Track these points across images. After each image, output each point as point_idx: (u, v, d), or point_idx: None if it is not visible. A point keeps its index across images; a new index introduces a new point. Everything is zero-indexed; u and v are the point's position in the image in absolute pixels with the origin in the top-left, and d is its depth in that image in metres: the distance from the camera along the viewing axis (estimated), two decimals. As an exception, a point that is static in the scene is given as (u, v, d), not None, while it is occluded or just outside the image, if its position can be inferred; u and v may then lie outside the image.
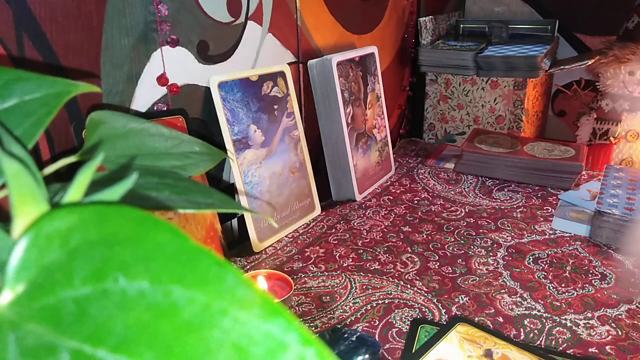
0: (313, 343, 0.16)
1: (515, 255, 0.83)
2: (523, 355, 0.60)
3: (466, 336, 0.63)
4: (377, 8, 1.23)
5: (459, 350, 0.60)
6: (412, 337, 0.63)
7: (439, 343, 0.61)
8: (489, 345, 0.61)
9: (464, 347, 0.61)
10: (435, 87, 1.40)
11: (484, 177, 1.15)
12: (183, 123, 0.75)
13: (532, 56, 1.23)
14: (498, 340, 0.62)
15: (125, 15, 0.67)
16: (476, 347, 0.61)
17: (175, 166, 0.34)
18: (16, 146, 0.23)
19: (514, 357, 0.59)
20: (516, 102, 1.31)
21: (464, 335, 0.63)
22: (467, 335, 0.63)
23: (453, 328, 0.64)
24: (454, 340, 0.62)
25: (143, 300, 0.16)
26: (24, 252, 0.17)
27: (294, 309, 0.70)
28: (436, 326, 0.65)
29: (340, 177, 1.04)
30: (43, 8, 0.58)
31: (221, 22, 0.81)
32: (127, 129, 0.35)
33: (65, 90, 0.28)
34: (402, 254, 0.84)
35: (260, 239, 0.85)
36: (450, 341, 0.62)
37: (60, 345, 0.16)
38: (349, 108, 1.02)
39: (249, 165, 0.83)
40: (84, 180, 0.21)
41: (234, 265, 0.46)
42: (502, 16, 1.58)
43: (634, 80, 1.30)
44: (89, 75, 0.64)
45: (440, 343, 0.61)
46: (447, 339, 0.62)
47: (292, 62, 0.97)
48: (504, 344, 0.61)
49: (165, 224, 0.18)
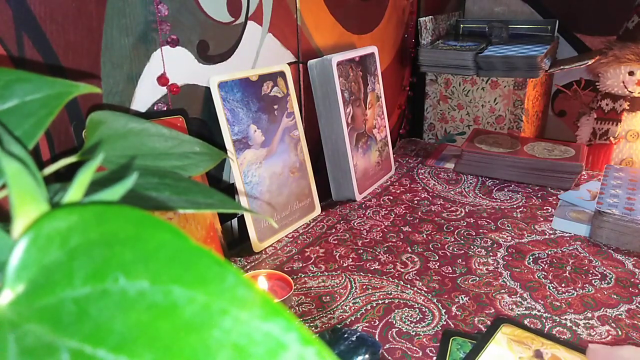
0: (313, 343, 0.16)
1: (515, 255, 0.83)
2: (572, 355, 0.59)
3: (513, 337, 0.61)
4: (377, 8, 1.23)
5: (509, 352, 0.59)
6: (444, 351, 0.61)
7: (488, 346, 0.60)
8: (537, 346, 0.60)
9: (514, 349, 0.59)
10: (435, 87, 1.40)
11: (484, 177, 1.15)
12: (183, 123, 0.75)
13: (532, 56, 1.23)
14: (545, 340, 0.61)
15: (125, 15, 0.67)
16: (525, 348, 0.59)
17: (175, 166, 0.34)
18: (16, 146, 0.23)
19: (564, 357, 0.58)
20: (516, 102, 1.31)
21: (511, 336, 0.62)
22: (513, 336, 0.62)
23: (499, 330, 0.63)
24: (502, 342, 0.61)
25: (143, 300, 0.16)
26: (24, 252, 0.17)
27: (294, 309, 0.70)
28: (468, 339, 0.63)
29: (340, 177, 1.04)
30: (43, 8, 0.58)
31: (221, 22, 0.81)
32: (127, 129, 0.35)
33: (65, 91, 0.28)
34: (402, 254, 0.84)
35: (260, 239, 0.85)
36: (498, 343, 0.60)
37: (60, 345, 0.16)
38: (349, 108, 1.02)
39: (249, 165, 0.83)
40: (84, 180, 0.21)
41: (234, 265, 0.46)
42: (502, 16, 1.58)
43: (634, 80, 1.30)
44: (89, 75, 0.64)
45: (489, 346, 0.60)
46: (496, 341, 0.61)
47: (292, 62, 0.97)
48: (551, 344, 0.60)
49: (165, 224, 0.18)
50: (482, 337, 0.62)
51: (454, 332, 0.64)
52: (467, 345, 0.61)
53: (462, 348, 0.61)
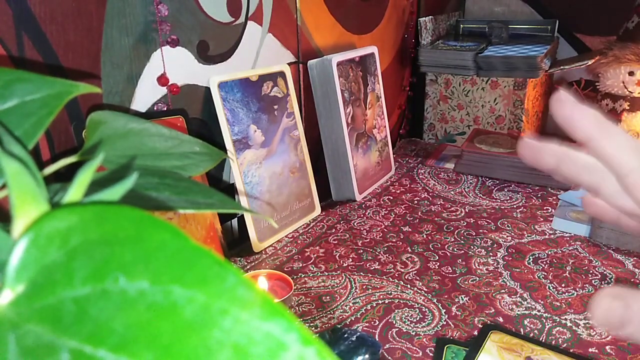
0: (313, 343, 0.16)
1: (515, 255, 0.83)
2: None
3: (502, 345, 0.61)
4: (377, 8, 1.23)
5: None
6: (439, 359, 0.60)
7: (479, 356, 0.59)
8: (528, 353, 0.59)
9: (504, 357, 0.59)
10: (435, 87, 1.40)
11: (484, 177, 1.15)
12: (183, 123, 0.75)
13: (532, 56, 1.23)
14: (534, 346, 0.60)
15: (125, 15, 0.67)
16: (516, 356, 0.59)
17: (175, 166, 0.34)
18: (16, 146, 0.23)
19: None
20: (516, 102, 1.31)
21: (500, 343, 0.61)
22: (502, 343, 0.61)
23: (487, 337, 0.62)
24: (492, 350, 0.60)
25: (143, 300, 0.16)
26: (24, 252, 0.17)
27: (294, 309, 0.70)
28: (462, 346, 0.62)
29: (340, 177, 1.04)
30: (43, 8, 0.58)
31: (221, 22, 0.81)
32: (127, 129, 0.35)
33: (65, 91, 0.28)
34: (402, 254, 0.84)
35: (260, 239, 0.85)
36: (488, 352, 0.59)
37: (60, 345, 0.16)
38: (349, 108, 1.02)
39: (249, 165, 0.83)
40: (84, 180, 0.21)
41: (234, 265, 0.46)
42: (502, 16, 1.58)
43: (634, 81, 1.30)
44: (89, 75, 0.64)
45: (480, 356, 0.59)
46: (486, 350, 0.60)
47: (292, 62, 0.97)
48: (541, 350, 0.60)
49: (165, 224, 0.18)
50: (471, 347, 0.61)
51: (447, 340, 0.64)
52: (462, 353, 0.61)
53: (457, 357, 0.60)
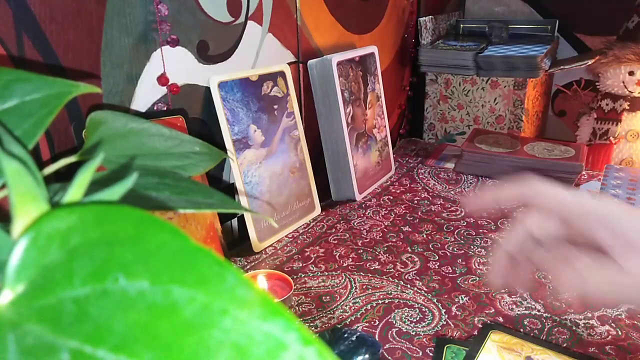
0: (313, 343, 0.16)
1: (515, 255, 0.83)
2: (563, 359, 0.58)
3: (502, 344, 0.61)
4: (377, 8, 1.23)
5: None
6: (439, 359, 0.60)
7: (479, 356, 0.59)
8: (528, 352, 0.59)
9: (504, 357, 0.58)
10: (435, 87, 1.40)
11: (484, 177, 1.15)
12: (183, 123, 0.75)
13: (532, 56, 1.23)
14: (534, 345, 0.60)
15: (125, 15, 0.67)
16: (516, 356, 0.59)
17: (175, 166, 0.34)
18: (16, 146, 0.23)
19: None
20: (516, 102, 1.31)
21: (500, 343, 0.61)
22: (502, 343, 0.61)
23: (487, 337, 0.62)
24: (492, 350, 0.59)
25: (143, 300, 0.16)
26: (24, 252, 0.17)
27: (294, 309, 0.70)
28: (462, 346, 0.62)
29: (340, 177, 1.04)
30: (43, 8, 0.58)
31: (221, 22, 0.81)
32: (127, 129, 0.35)
33: (65, 91, 0.28)
34: (402, 254, 0.84)
35: (260, 239, 0.85)
36: (489, 352, 0.59)
37: (60, 345, 0.16)
38: (349, 108, 1.02)
39: (249, 165, 0.83)
40: (84, 180, 0.21)
41: (234, 265, 0.46)
42: (502, 16, 1.58)
43: (634, 80, 1.30)
44: (89, 75, 0.64)
45: (480, 355, 0.59)
46: (486, 350, 0.59)
47: (292, 62, 0.97)
48: (541, 350, 0.60)
49: (165, 224, 0.18)
50: (472, 347, 0.60)
51: (447, 340, 0.63)
52: (462, 353, 0.61)
53: (457, 357, 0.60)
